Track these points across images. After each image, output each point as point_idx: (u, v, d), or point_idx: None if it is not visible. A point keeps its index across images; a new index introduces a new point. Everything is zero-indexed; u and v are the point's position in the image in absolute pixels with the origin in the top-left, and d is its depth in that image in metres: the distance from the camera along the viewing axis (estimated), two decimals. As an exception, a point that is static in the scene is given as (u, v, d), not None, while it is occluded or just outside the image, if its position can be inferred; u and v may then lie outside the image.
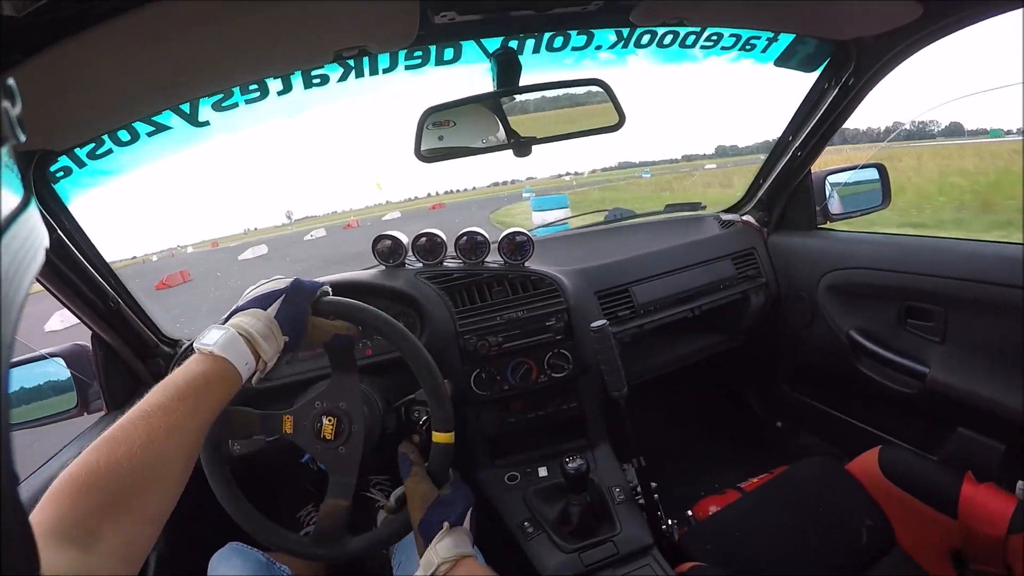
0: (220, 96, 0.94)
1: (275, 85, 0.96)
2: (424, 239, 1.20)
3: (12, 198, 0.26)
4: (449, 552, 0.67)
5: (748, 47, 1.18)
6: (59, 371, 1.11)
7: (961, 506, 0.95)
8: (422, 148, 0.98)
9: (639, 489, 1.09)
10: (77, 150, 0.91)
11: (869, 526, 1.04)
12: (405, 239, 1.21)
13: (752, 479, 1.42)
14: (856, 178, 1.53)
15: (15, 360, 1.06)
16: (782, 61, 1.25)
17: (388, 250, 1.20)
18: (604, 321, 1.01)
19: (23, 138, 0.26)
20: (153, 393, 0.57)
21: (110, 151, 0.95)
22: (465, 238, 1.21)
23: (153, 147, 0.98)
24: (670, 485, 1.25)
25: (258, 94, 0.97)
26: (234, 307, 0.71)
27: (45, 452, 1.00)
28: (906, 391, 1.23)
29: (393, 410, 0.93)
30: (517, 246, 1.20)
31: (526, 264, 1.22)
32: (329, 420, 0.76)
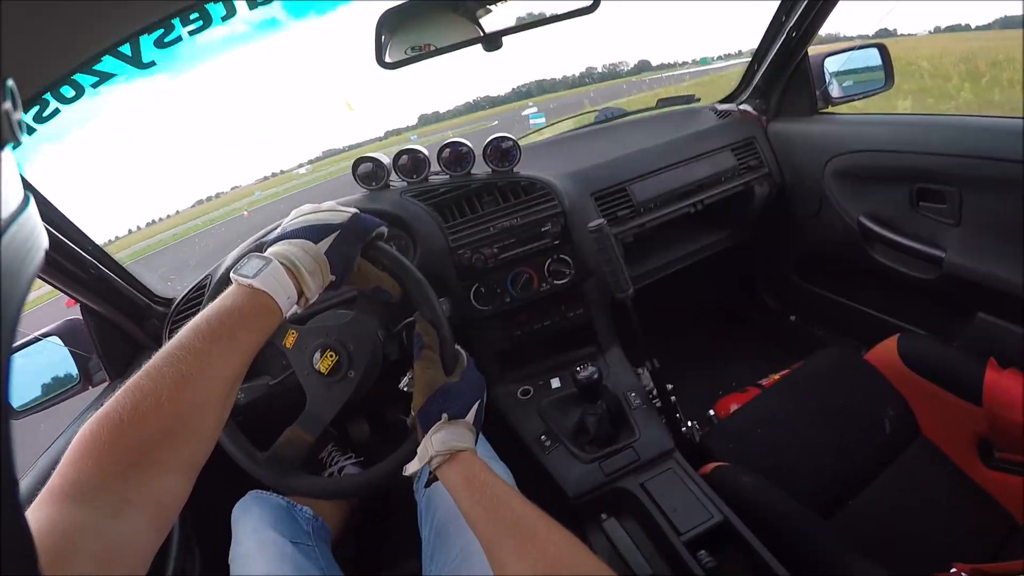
0: (161, 31, 0.88)
1: (217, 9, 0.89)
2: (405, 156, 1.15)
3: (12, 199, 0.27)
4: (443, 445, 0.62)
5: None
6: (56, 350, 1.08)
7: (985, 393, 0.91)
8: (389, 58, 0.92)
9: (655, 392, 1.05)
10: (22, 115, 0.86)
11: (892, 416, 1.02)
12: (386, 159, 1.15)
13: (772, 375, 1.40)
14: (856, 62, 1.44)
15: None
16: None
17: (369, 173, 1.15)
18: (601, 220, 0.95)
19: (23, 140, 0.26)
20: (184, 333, 0.51)
21: (56, 111, 0.90)
22: (448, 150, 1.15)
23: (101, 101, 0.93)
24: (688, 386, 1.23)
25: (200, 23, 0.90)
26: (277, 232, 0.65)
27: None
28: (923, 277, 1.18)
29: (394, 336, 0.90)
30: (503, 152, 1.15)
31: (515, 170, 1.16)
32: (330, 355, 0.72)
